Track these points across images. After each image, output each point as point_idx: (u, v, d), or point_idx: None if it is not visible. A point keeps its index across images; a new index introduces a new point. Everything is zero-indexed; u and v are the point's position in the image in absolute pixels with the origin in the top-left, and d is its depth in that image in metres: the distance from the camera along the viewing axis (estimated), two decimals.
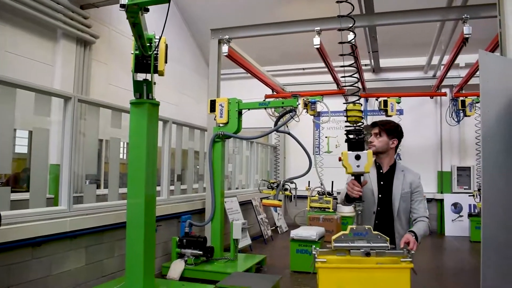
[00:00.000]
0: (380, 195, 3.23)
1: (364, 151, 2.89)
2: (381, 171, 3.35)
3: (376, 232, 2.71)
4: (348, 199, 2.98)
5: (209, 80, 8.07)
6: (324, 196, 10.65)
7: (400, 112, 12.01)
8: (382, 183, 3.27)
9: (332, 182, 11.47)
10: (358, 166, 2.83)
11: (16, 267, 4.24)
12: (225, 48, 8.00)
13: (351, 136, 2.97)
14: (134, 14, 3.47)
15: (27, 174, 7.11)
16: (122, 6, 3.21)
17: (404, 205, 3.20)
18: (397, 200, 3.18)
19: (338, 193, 11.39)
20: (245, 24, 8.28)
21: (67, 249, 4.90)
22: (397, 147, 3.43)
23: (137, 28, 3.84)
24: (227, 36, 7.96)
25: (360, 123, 2.96)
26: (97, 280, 5.35)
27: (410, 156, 12.53)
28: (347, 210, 10.78)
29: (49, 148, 5.30)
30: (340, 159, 2.98)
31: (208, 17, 11.55)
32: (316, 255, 2.55)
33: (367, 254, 2.54)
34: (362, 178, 2.87)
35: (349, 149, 2.92)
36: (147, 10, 3.44)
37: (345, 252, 2.57)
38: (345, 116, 3.44)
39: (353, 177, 2.90)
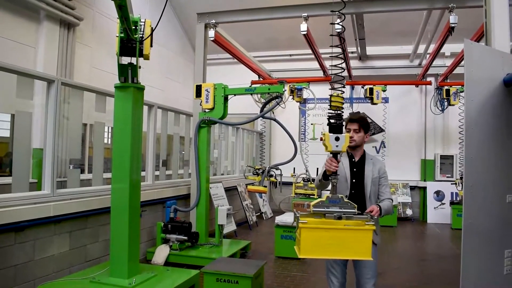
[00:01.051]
0: (353, 180, 3.68)
1: (342, 134, 3.25)
2: (353, 160, 3.78)
3: (347, 200, 3.12)
4: (325, 176, 3.37)
5: (195, 65, 8.02)
6: (309, 182, 10.72)
7: (386, 100, 12.14)
8: (355, 170, 3.72)
9: (317, 169, 11.52)
10: (337, 146, 3.24)
11: None
12: (211, 33, 7.94)
13: (332, 121, 3.33)
14: None
15: (10, 158, 7.02)
16: None
17: (374, 188, 3.68)
18: (369, 184, 3.66)
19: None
20: (232, 8, 8.21)
21: (51, 234, 4.88)
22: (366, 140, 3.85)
23: (123, 10, 3.79)
24: (213, 21, 7.90)
25: (341, 110, 3.17)
26: (81, 265, 5.34)
27: (394, 144, 12.70)
28: None
29: (32, 132, 5.22)
30: (321, 139, 3.35)
31: (195, 1, 11.42)
32: (299, 217, 3.00)
33: (339, 218, 3.06)
34: (338, 156, 3.29)
35: (330, 132, 3.30)
36: None
37: (320, 215, 3.08)
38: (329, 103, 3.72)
39: (331, 155, 3.29)
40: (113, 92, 4.88)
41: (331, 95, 3.55)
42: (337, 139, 3.24)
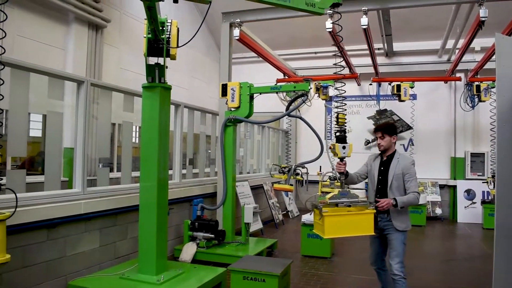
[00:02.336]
0: (380, 177, 4.40)
1: (347, 144, 4.37)
2: (383, 159, 4.47)
3: (352, 192, 4.13)
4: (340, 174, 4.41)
5: (221, 64, 8.07)
6: (336, 181, 10.61)
7: (413, 97, 11.91)
8: (382, 168, 4.41)
9: None
10: (344, 153, 4.38)
11: (31, 248, 4.34)
12: (236, 32, 7.96)
13: (338, 134, 4.51)
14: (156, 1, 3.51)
15: (42, 157, 7.23)
16: None
17: (396, 183, 4.26)
18: (390, 180, 4.28)
19: None
20: (256, 7, 8.22)
21: (82, 231, 5.00)
22: (396, 141, 4.48)
23: (151, 11, 3.87)
24: (238, 20, 7.92)
25: (345, 125, 4.62)
26: (110, 261, 5.46)
27: (423, 141, 12.47)
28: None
29: (63, 131, 5.36)
30: (331, 148, 4.47)
31: (219, 0, 11.48)
32: (322, 208, 3.99)
33: (348, 206, 4.05)
34: (344, 159, 4.39)
35: (337, 142, 4.45)
36: (176, 1, 3.49)
37: (333, 205, 4.06)
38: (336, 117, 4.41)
39: (339, 160, 4.40)
40: (140, 92, 4.97)
41: (337, 113, 4.61)
42: (344, 147, 4.38)
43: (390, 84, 11.09)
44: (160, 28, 4.39)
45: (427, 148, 12.43)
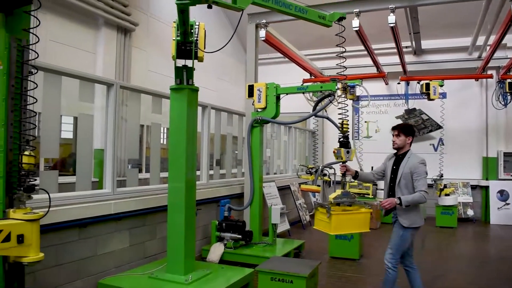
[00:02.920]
0: (392, 175, 4.62)
1: (350, 149, 4.91)
2: (396, 158, 4.67)
3: (352, 193, 4.66)
4: (343, 175, 4.84)
5: (247, 65, 8.08)
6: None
7: (443, 95, 11.67)
8: (394, 167, 4.62)
9: (372, 167, 11.27)
10: (347, 157, 4.88)
11: (63, 247, 4.45)
12: (262, 33, 7.96)
13: (342, 139, 5.00)
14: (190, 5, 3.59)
15: (73, 158, 7.39)
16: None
17: (404, 181, 4.44)
18: (398, 178, 4.49)
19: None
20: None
21: (112, 231, 5.09)
22: (411, 142, 4.63)
23: (184, 14, 3.93)
24: (264, 21, 7.91)
25: (347, 131, 5.19)
26: (140, 261, 5.54)
27: (454, 141, 12.18)
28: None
29: (93, 133, 5.48)
30: (334, 152, 4.94)
31: None
32: (330, 207, 4.45)
33: (349, 205, 4.56)
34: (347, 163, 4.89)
35: (341, 147, 4.92)
36: (210, 7, 3.65)
37: (334, 204, 4.51)
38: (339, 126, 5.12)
39: (342, 163, 4.87)
40: (168, 93, 5.03)
41: (341, 122, 5.20)
42: (348, 152, 4.91)
43: (418, 83, 10.88)
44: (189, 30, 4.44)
45: (458, 148, 12.14)
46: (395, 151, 4.68)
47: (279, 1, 4.73)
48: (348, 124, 5.19)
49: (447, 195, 10.40)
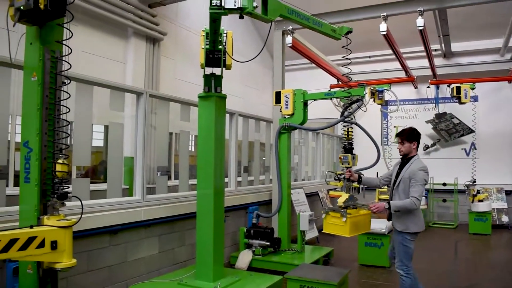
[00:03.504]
0: (395, 179, 4.68)
1: (355, 154, 5.40)
2: (402, 163, 4.72)
3: (355, 197, 4.97)
4: (348, 180, 5.06)
5: (274, 72, 8.09)
6: None
7: (475, 98, 11.36)
8: (399, 171, 4.67)
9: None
10: (353, 162, 5.28)
11: (95, 253, 4.53)
12: (289, 39, 7.95)
13: (346, 146, 5.39)
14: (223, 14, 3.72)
15: (104, 166, 7.54)
16: (239, 9, 3.66)
17: (402, 186, 4.51)
18: (398, 182, 4.58)
19: None
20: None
21: (142, 237, 5.16)
22: (417, 147, 4.68)
23: (216, 23, 4.00)
24: (290, 27, 7.90)
25: (352, 138, 5.57)
26: (169, 267, 5.58)
27: (486, 145, 11.83)
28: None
29: (123, 141, 5.57)
30: (340, 158, 5.29)
31: None
32: (345, 211, 4.58)
33: (355, 208, 4.82)
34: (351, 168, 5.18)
35: (346, 153, 5.30)
36: (242, 17, 3.76)
37: (340, 208, 4.70)
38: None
39: (346, 168, 5.17)
40: (196, 101, 5.08)
41: (347, 128, 5.53)
42: (353, 157, 5.33)
43: (449, 86, 10.62)
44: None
45: (491, 152, 11.78)
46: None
47: (300, 14, 4.88)
48: (352, 132, 5.59)
49: (480, 201, 10.10)
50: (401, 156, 4.72)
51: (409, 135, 4.65)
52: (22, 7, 2.88)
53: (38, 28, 3.15)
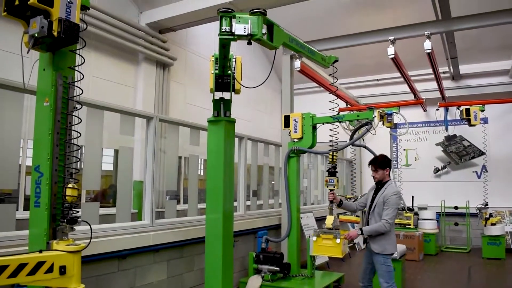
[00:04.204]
0: (371, 203, 4.93)
1: (337, 177, 5.44)
2: (377, 188, 4.99)
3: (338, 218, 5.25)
4: (331, 202, 5.25)
5: (283, 96, 8.14)
6: (404, 211, 10.22)
7: (485, 120, 11.31)
8: (374, 196, 4.94)
9: (413, 197, 10.99)
10: (333, 186, 5.36)
11: (103, 278, 4.50)
12: (297, 63, 8.03)
13: (330, 169, 5.48)
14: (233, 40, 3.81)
15: (113, 190, 7.56)
16: (249, 35, 3.72)
17: (377, 210, 4.79)
18: (373, 206, 4.85)
19: (419, 208, 10.89)
20: (315, 38, 8.28)
21: (150, 262, 5.12)
22: (390, 172, 5.04)
23: (226, 49, 4.06)
24: None
25: (335, 161, 5.92)
26: None
27: (498, 167, 11.71)
28: (429, 227, 10.26)
29: (133, 165, 5.60)
30: (326, 181, 5.40)
31: None
32: (339, 233, 4.93)
33: (337, 229, 5.09)
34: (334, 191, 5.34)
35: (330, 176, 5.40)
36: (250, 43, 3.83)
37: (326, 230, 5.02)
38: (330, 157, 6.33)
39: (330, 191, 5.31)
40: (205, 125, 5.11)
41: (332, 153, 5.93)
42: (338, 181, 5.46)
43: (458, 109, 10.60)
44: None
45: (503, 175, 11.65)
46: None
47: (298, 43, 4.94)
48: (337, 155, 5.93)
49: (493, 224, 9.94)
50: (376, 181, 5.03)
51: (381, 163, 5.02)
52: (36, 34, 2.94)
53: (51, 54, 3.22)
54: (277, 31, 4.11)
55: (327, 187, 5.39)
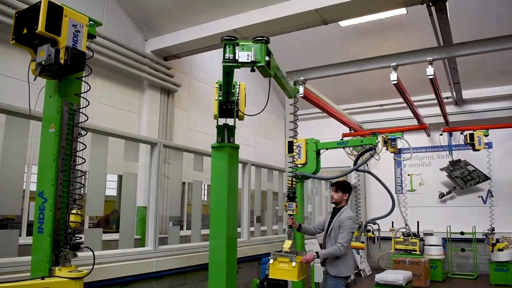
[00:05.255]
0: (327, 227, 5.04)
1: (295, 203, 5.20)
2: (334, 212, 5.10)
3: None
4: (290, 226, 5.17)
5: (286, 122, 8.17)
6: (410, 237, 10.10)
7: (489, 145, 11.26)
8: (331, 220, 5.04)
9: (418, 222, 10.87)
10: (292, 210, 5.18)
11: None
12: (301, 90, 8.08)
13: (290, 194, 5.27)
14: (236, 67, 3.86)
15: (116, 215, 7.53)
16: (252, 62, 3.76)
17: (333, 234, 4.90)
18: (329, 230, 4.96)
19: (425, 233, 10.76)
20: (318, 64, 8.36)
21: None
22: (348, 198, 5.15)
23: (229, 76, 4.11)
24: (302, 78, 8.06)
25: (294, 186, 5.91)
26: None
27: (503, 192, 11.59)
28: (435, 253, 10.11)
29: (136, 191, 5.60)
30: (285, 206, 5.22)
31: (283, 60, 11.75)
32: (295, 256, 4.75)
33: (296, 254, 4.86)
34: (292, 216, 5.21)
35: (289, 201, 5.20)
36: (253, 70, 3.87)
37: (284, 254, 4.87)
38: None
39: (289, 216, 5.18)
40: (209, 151, 5.12)
41: (292, 178, 6.02)
42: (296, 206, 5.24)
43: (462, 133, 10.60)
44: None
45: (509, 199, 11.51)
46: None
47: (281, 72, 4.93)
48: (295, 181, 6.08)
49: (500, 250, 9.79)
50: (332, 204, 5.18)
51: (343, 186, 5.15)
52: (43, 62, 3.00)
53: (57, 81, 3.27)
54: (273, 60, 4.18)
55: (286, 212, 5.34)
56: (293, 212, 5.23)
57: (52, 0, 3.02)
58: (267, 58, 3.83)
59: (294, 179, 6.17)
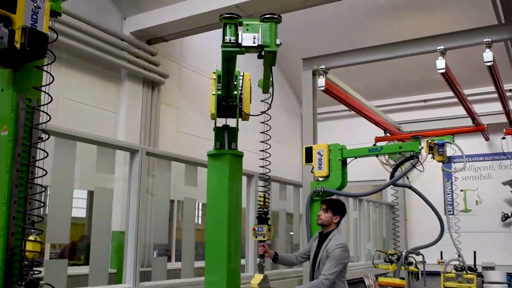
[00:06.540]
0: (314, 259, 5.10)
1: (268, 226, 5.24)
2: (321, 238, 5.16)
3: (269, 279, 5.18)
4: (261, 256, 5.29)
5: (303, 122, 8.14)
6: (464, 272, 10.02)
7: None
8: (317, 249, 5.09)
9: (475, 252, 10.78)
10: (269, 234, 5.23)
11: None
12: (321, 81, 8.02)
13: (262, 216, 5.27)
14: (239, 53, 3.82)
15: (85, 242, 7.53)
16: (260, 46, 3.69)
17: (322, 266, 4.87)
18: (317, 262, 4.99)
19: (484, 267, 10.68)
20: (344, 49, 8.32)
21: None
22: (339, 222, 5.20)
23: (230, 64, 4.07)
24: (323, 66, 7.99)
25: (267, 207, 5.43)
26: None
27: None
28: None
29: (111, 211, 5.60)
30: (254, 230, 5.26)
31: (298, 44, 11.77)
32: None
33: None
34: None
35: (260, 223, 5.24)
36: (261, 56, 3.81)
37: None
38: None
39: (260, 242, 5.26)
40: (205, 160, 5.11)
41: (263, 196, 5.50)
42: (269, 229, 5.21)
43: None
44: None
45: None
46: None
47: None
48: (268, 198, 5.59)
49: None
50: (319, 225, 5.24)
51: (336, 206, 5.24)
52: None
53: (11, 71, 3.27)
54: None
55: (256, 238, 5.29)
56: (263, 237, 5.20)
57: None
58: (278, 41, 3.79)
59: (266, 195, 5.70)
